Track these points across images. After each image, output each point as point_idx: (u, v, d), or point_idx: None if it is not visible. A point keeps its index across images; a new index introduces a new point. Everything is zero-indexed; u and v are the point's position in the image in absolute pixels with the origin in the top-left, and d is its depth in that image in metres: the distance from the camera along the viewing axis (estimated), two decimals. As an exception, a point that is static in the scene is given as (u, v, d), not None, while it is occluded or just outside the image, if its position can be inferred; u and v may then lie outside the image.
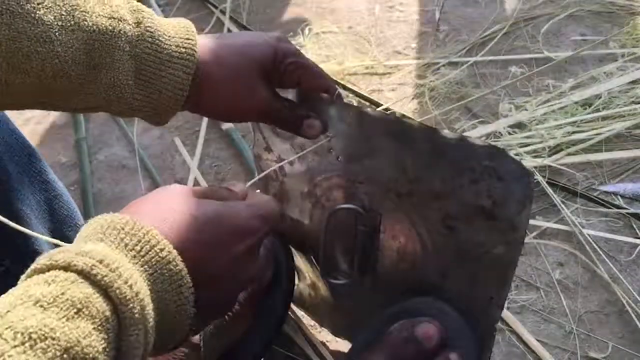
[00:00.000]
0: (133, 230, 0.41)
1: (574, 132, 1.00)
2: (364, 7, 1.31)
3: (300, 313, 0.83)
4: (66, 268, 0.37)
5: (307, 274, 0.76)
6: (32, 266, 0.38)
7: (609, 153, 0.98)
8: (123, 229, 0.41)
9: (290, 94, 0.64)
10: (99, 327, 0.36)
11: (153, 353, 0.42)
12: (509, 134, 1.01)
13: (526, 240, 0.87)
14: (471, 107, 1.08)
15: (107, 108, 0.56)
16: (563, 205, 0.91)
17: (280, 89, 0.62)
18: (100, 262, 0.37)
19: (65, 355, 0.33)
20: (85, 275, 0.37)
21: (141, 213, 0.44)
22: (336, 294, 0.74)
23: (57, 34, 0.50)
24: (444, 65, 1.16)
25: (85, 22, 0.51)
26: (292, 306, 0.81)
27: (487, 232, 0.57)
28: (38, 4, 0.49)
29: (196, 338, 0.66)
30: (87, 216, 0.96)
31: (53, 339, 0.33)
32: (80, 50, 0.51)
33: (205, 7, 1.34)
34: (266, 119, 0.62)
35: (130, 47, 0.53)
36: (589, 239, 0.87)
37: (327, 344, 0.81)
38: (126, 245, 0.41)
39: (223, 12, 1.31)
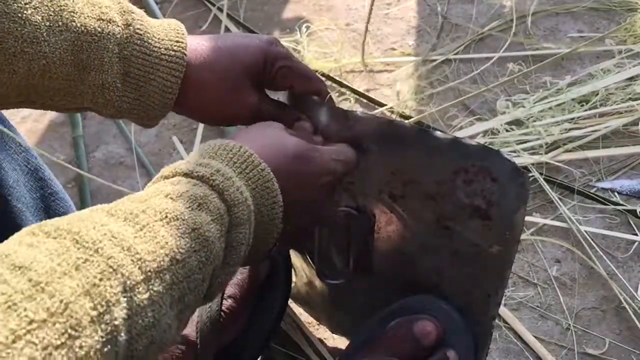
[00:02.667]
0: (239, 152, 0.48)
1: (571, 129, 0.99)
2: (362, 4, 1.30)
3: (298, 310, 0.83)
4: (188, 174, 0.45)
5: (303, 272, 0.76)
6: (158, 174, 0.46)
7: (606, 150, 0.98)
8: (231, 150, 0.48)
9: (281, 96, 0.64)
10: (216, 220, 0.43)
11: (244, 263, 0.49)
12: (507, 131, 1.01)
13: (523, 237, 0.87)
14: (468, 104, 1.08)
15: (95, 110, 0.56)
16: (560, 202, 0.91)
17: (272, 91, 0.62)
18: (217, 171, 0.45)
19: (192, 234, 0.40)
20: (205, 180, 0.44)
21: (245, 141, 0.51)
22: (333, 293, 0.74)
23: (44, 34, 0.50)
24: (441, 62, 1.16)
25: (73, 23, 0.51)
26: (290, 303, 0.81)
27: (483, 232, 0.57)
28: (25, 4, 0.49)
29: (193, 335, 0.66)
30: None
31: (183, 220, 0.41)
32: (68, 51, 0.51)
33: (202, 5, 1.34)
34: (255, 122, 0.62)
35: (118, 49, 0.53)
36: (586, 235, 0.88)
37: (325, 341, 0.81)
38: (234, 163, 0.48)
39: (220, 10, 1.30)
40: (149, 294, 0.36)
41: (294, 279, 0.75)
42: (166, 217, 0.40)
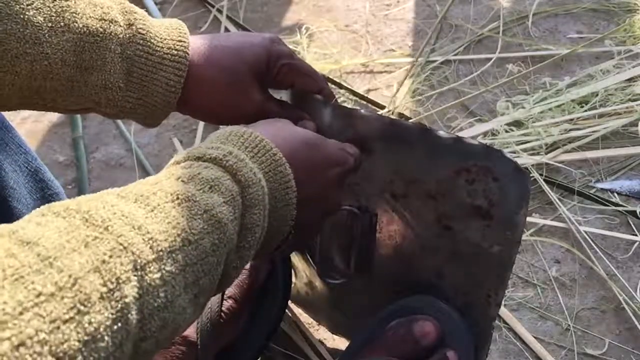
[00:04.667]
0: (251, 137, 0.48)
1: (570, 130, 1.00)
2: (361, 5, 1.31)
3: (297, 311, 0.83)
4: (200, 158, 0.45)
5: (304, 273, 0.76)
6: (171, 161, 0.46)
7: (605, 150, 0.98)
8: (242, 135, 0.48)
9: (284, 95, 0.64)
10: (228, 202, 0.42)
11: (258, 252, 0.48)
12: (506, 131, 1.01)
13: (523, 237, 0.87)
14: (468, 105, 1.08)
15: (98, 110, 0.56)
16: (560, 203, 0.91)
17: (274, 90, 0.62)
18: (230, 153, 0.45)
19: (205, 215, 0.40)
20: (217, 162, 0.44)
21: (255, 129, 0.50)
22: (333, 293, 0.74)
23: (46, 35, 0.50)
24: (440, 63, 1.16)
25: (75, 24, 0.51)
26: (290, 304, 0.81)
27: (484, 232, 0.57)
28: (27, 5, 0.49)
29: (193, 336, 0.66)
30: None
31: (195, 201, 0.40)
32: (70, 52, 0.51)
33: (202, 6, 1.34)
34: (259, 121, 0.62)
35: (121, 49, 0.53)
36: (586, 236, 0.88)
37: (325, 341, 0.81)
38: (247, 147, 0.47)
39: (220, 11, 1.30)
40: (160, 273, 0.36)
41: (293, 279, 0.75)
42: (177, 198, 0.40)
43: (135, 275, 0.34)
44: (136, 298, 0.34)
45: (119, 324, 0.33)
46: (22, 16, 0.49)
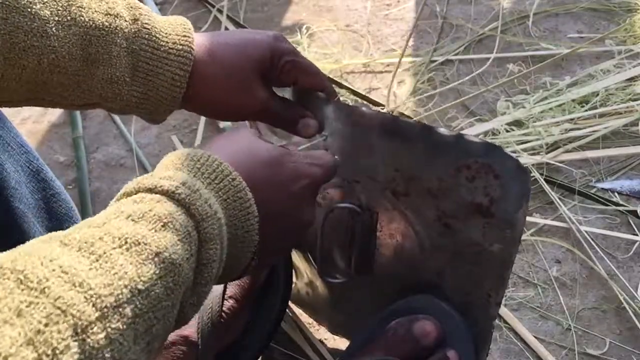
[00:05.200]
0: (208, 162, 0.46)
1: (571, 130, 1.00)
2: (362, 5, 1.31)
3: (298, 311, 0.83)
4: (151, 190, 0.42)
5: (304, 272, 0.76)
6: (121, 190, 0.43)
7: (606, 150, 0.98)
8: (199, 160, 0.46)
9: (286, 93, 0.64)
10: (183, 239, 0.39)
11: (218, 281, 0.46)
12: (507, 131, 1.01)
13: (523, 237, 0.87)
14: (468, 104, 1.08)
15: (103, 105, 0.56)
16: (560, 203, 0.91)
17: (277, 88, 0.62)
18: (183, 184, 0.42)
19: (156, 259, 0.37)
20: (170, 195, 0.41)
21: (213, 149, 0.48)
22: (333, 292, 0.74)
23: (53, 28, 0.50)
24: (441, 63, 1.16)
25: (82, 18, 0.51)
26: (290, 304, 0.81)
27: (484, 230, 0.57)
28: None
29: (194, 336, 0.66)
30: (84, 215, 0.96)
31: (145, 244, 0.37)
32: (77, 45, 0.51)
33: (202, 6, 1.34)
34: (263, 118, 0.62)
35: (127, 44, 0.53)
36: (587, 236, 0.88)
37: (325, 341, 0.81)
38: (202, 173, 0.45)
39: (220, 11, 1.31)
40: (105, 332, 0.33)
41: (294, 279, 0.75)
42: (126, 242, 0.37)
43: (75, 341, 0.31)
44: None
45: None
46: (29, 10, 0.49)
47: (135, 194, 0.42)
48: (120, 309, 0.34)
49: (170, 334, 0.41)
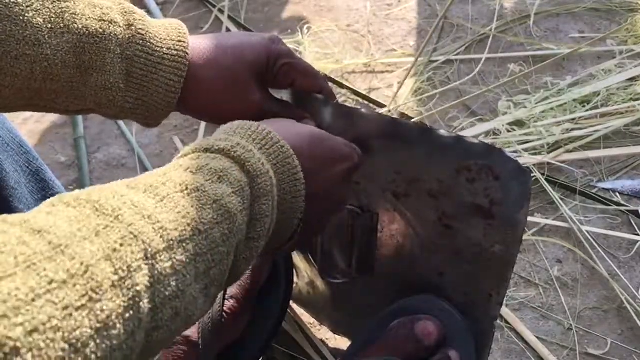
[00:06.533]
0: (258, 130, 0.48)
1: (572, 130, 1.00)
2: (362, 5, 1.31)
3: (299, 311, 0.83)
4: (208, 149, 0.45)
5: (305, 272, 0.76)
6: (179, 154, 0.46)
7: (607, 150, 0.98)
8: (250, 128, 0.48)
9: (285, 95, 0.64)
10: (237, 192, 0.42)
11: (266, 248, 0.47)
12: (508, 131, 1.01)
13: (525, 237, 0.87)
14: (470, 104, 1.08)
15: (98, 111, 0.55)
16: (562, 203, 0.91)
17: (275, 90, 0.62)
18: (237, 144, 0.45)
19: (214, 205, 0.40)
20: (226, 153, 0.44)
21: (262, 124, 0.50)
22: (334, 293, 0.74)
23: (46, 36, 0.50)
24: (442, 63, 1.16)
25: (75, 25, 0.51)
26: (292, 304, 0.81)
27: (485, 231, 0.57)
28: (27, 7, 0.49)
29: (195, 336, 0.66)
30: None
31: (204, 191, 0.40)
32: (70, 53, 0.51)
33: (203, 6, 1.34)
34: (260, 120, 0.62)
35: (121, 50, 0.53)
36: (588, 236, 0.88)
37: (327, 341, 0.81)
38: (254, 139, 0.48)
39: (221, 11, 1.31)
40: (171, 262, 0.36)
41: (295, 279, 0.75)
42: (187, 188, 0.40)
43: (146, 264, 0.34)
44: (147, 287, 0.34)
45: (131, 312, 0.33)
46: (21, 17, 0.49)
47: (192, 153, 0.45)
48: (184, 244, 0.37)
49: None
